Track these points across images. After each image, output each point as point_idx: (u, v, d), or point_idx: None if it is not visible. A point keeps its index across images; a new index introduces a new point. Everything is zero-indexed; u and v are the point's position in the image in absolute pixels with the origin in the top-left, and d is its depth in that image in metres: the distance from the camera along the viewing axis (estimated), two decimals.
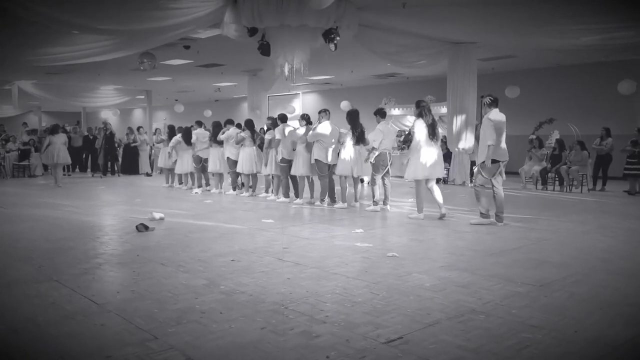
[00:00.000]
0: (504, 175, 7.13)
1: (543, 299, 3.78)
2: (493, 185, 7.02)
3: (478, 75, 12.67)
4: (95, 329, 3.17)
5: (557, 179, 12.02)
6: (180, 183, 12.83)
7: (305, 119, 9.35)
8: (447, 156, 13.56)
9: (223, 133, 10.89)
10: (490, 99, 7.09)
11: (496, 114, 7.00)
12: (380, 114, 8.61)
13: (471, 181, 13.10)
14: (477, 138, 6.91)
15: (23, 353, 2.81)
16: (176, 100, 23.95)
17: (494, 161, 6.91)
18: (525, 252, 5.40)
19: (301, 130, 9.21)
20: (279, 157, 9.54)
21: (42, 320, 3.32)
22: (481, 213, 7.13)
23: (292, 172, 9.43)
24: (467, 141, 12.59)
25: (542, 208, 9.08)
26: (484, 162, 6.94)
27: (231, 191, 11.21)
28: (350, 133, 8.59)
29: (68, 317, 3.37)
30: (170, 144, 12.41)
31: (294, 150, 9.32)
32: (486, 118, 6.99)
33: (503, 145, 6.95)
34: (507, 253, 5.36)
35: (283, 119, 9.68)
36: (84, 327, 3.20)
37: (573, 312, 3.50)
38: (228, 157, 10.89)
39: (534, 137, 13.01)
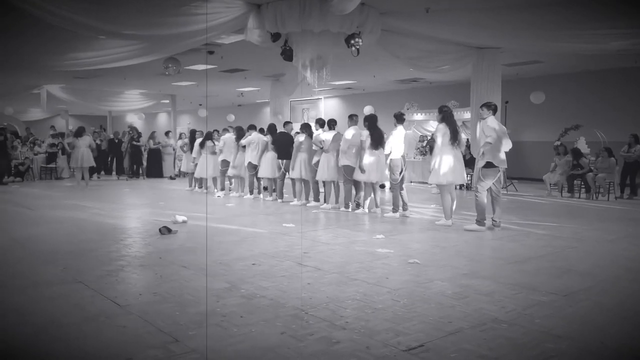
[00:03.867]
0: (502, 181, 7.14)
1: (568, 309, 3.70)
2: (477, 191, 7.11)
3: (502, 81, 12.51)
4: (117, 331, 3.20)
5: (583, 186, 11.80)
6: (200, 187, 12.93)
7: (329, 124, 9.37)
8: (471, 162, 13.43)
9: (245, 138, 10.96)
10: (487, 107, 7.17)
11: (493, 122, 7.04)
12: (398, 118, 8.59)
13: None
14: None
15: (47, 353, 2.86)
16: (200, 104, 24.17)
17: (492, 166, 6.91)
18: (550, 261, 5.30)
19: (325, 136, 9.22)
20: (313, 161, 9.54)
21: (65, 321, 3.36)
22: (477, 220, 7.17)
23: (318, 177, 9.44)
24: (505, 146, 12.41)
25: (568, 216, 8.91)
26: (484, 166, 6.98)
27: (249, 195, 11.26)
28: (369, 138, 8.56)
29: (91, 319, 3.41)
30: (195, 148, 12.59)
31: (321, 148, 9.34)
32: (484, 123, 7.04)
33: (501, 152, 6.98)
34: (531, 261, 5.28)
35: (322, 124, 9.70)
36: (106, 329, 3.24)
37: (598, 322, 3.42)
38: (249, 162, 10.93)
39: (558, 143, 12.80)
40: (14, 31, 9.47)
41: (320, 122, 9.61)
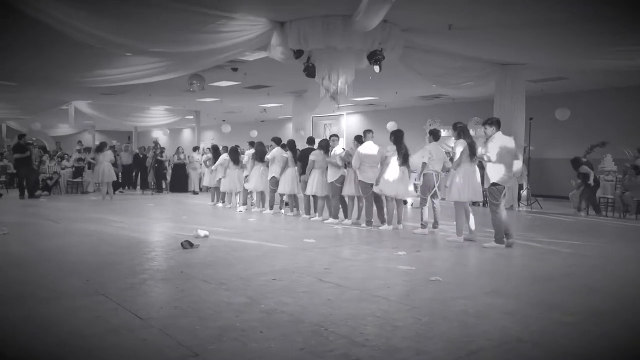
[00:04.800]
0: (506, 197, 7.11)
1: (593, 329, 3.61)
2: (493, 210, 6.97)
3: (527, 97, 12.41)
4: (138, 344, 3.22)
5: (610, 204, 11.57)
6: (223, 202, 13.02)
7: (357, 139, 9.36)
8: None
9: (269, 152, 11.09)
10: (490, 124, 7.06)
11: (500, 139, 6.92)
12: (434, 135, 8.53)
13: (519, 205, 12.79)
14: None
15: None
16: (224, 120, 24.46)
17: (496, 184, 6.85)
18: (575, 280, 5.19)
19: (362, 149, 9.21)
20: (334, 178, 9.50)
21: (87, 333, 3.40)
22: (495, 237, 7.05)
23: (344, 192, 9.41)
24: (516, 164, 12.27)
25: (594, 234, 8.73)
26: (492, 185, 6.89)
27: (268, 210, 11.30)
28: (396, 153, 8.54)
29: (112, 331, 3.44)
30: (217, 162, 12.70)
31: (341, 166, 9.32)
32: (490, 141, 6.92)
33: (507, 170, 6.87)
34: (556, 280, 5.17)
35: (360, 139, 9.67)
36: (127, 341, 3.27)
37: (624, 343, 3.33)
38: (273, 177, 10.97)
39: (584, 160, 12.59)
40: (43, 48, 9.76)
41: (358, 139, 9.52)
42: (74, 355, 3.03)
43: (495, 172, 6.84)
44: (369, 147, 8.85)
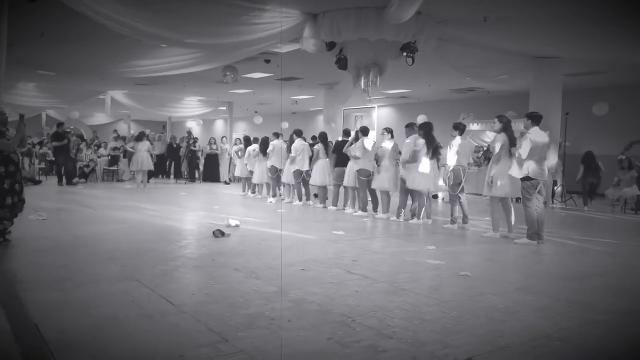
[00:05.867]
0: (543, 193, 7.03)
1: (625, 329, 3.56)
2: (526, 205, 6.90)
3: (563, 91, 12.13)
4: (170, 329, 3.32)
5: None
6: (254, 192, 13.16)
7: (389, 132, 9.32)
8: None
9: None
10: (528, 117, 6.99)
11: (537, 133, 6.79)
12: (459, 128, 8.40)
13: (552, 201, 12.55)
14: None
15: (105, 347, 2.99)
16: (256, 112, 24.65)
17: (530, 179, 6.73)
18: (609, 279, 5.10)
19: (388, 144, 9.18)
20: (356, 169, 9.52)
21: (122, 317, 3.52)
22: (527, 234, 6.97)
23: (375, 186, 9.40)
24: (550, 159, 12.05)
25: (631, 233, 8.53)
26: (524, 179, 6.80)
27: (297, 202, 11.38)
28: (425, 147, 8.46)
29: (146, 316, 3.55)
30: (246, 154, 12.89)
31: (377, 164, 9.26)
32: (525, 135, 6.84)
33: (541, 164, 6.76)
34: (588, 278, 5.09)
35: (365, 131, 9.65)
36: (160, 326, 3.37)
37: None
38: (296, 169, 11.06)
39: (623, 157, 12.26)
40: (81, 39, 10.01)
41: (390, 131, 9.47)
42: (109, 338, 3.14)
43: (529, 166, 6.74)
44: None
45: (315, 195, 11.40)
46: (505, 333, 3.38)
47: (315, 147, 10.81)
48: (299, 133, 11.28)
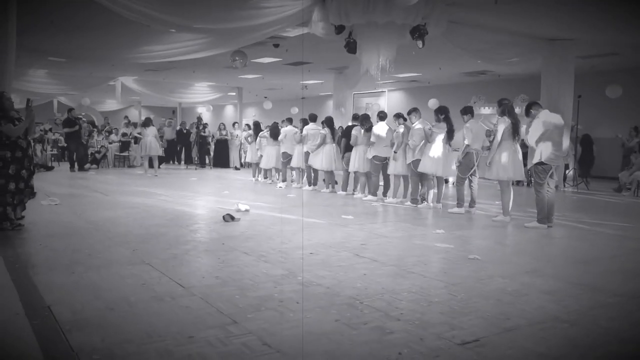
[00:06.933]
0: (555, 177, 7.00)
1: (636, 312, 3.54)
2: (537, 190, 6.87)
3: (576, 74, 11.97)
4: (180, 311, 3.36)
5: None
6: (265, 177, 13.21)
7: (402, 117, 9.25)
8: (526, 157, 12.95)
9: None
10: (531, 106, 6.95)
11: (547, 116, 6.70)
12: (470, 112, 8.32)
13: (564, 185, 12.46)
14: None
15: (117, 328, 3.04)
16: (265, 97, 24.63)
17: (543, 163, 6.66)
18: (621, 262, 5.07)
19: (401, 129, 9.11)
20: (371, 155, 9.49)
21: (134, 299, 3.57)
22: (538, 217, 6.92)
23: (391, 171, 9.36)
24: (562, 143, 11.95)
25: None
26: (537, 163, 6.73)
27: (306, 187, 11.40)
28: (441, 131, 8.38)
29: (157, 298, 3.60)
30: (258, 140, 12.95)
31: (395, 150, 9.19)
32: (536, 121, 6.74)
33: (555, 148, 6.67)
34: (599, 261, 5.07)
35: (383, 117, 9.60)
36: (170, 308, 3.41)
37: None
38: (284, 152, 11.54)
39: (637, 140, 12.12)
40: (91, 25, 10.02)
41: (402, 116, 9.40)
42: (121, 320, 3.19)
43: (542, 151, 6.67)
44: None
45: (324, 180, 11.41)
46: (513, 315, 3.39)
47: (322, 131, 10.79)
48: (313, 118, 11.25)
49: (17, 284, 3.88)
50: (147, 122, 14.66)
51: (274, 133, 12.27)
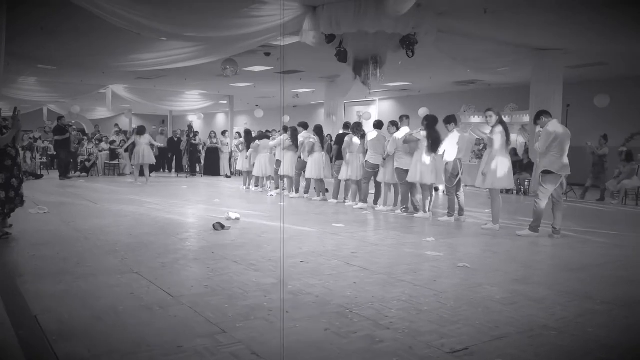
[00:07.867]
0: (564, 188, 6.99)
1: (623, 319, 3.57)
2: (538, 198, 6.86)
3: (565, 84, 12.11)
4: (169, 320, 3.34)
5: None
6: (256, 186, 13.18)
7: (395, 125, 9.28)
8: (529, 166, 13.05)
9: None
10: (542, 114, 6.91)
11: (554, 126, 6.74)
12: (453, 121, 8.37)
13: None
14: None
15: (104, 338, 3.02)
16: (257, 105, 24.65)
17: (551, 172, 6.66)
18: (608, 270, 5.10)
19: (399, 135, 9.14)
20: (363, 162, 9.54)
21: (122, 308, 3.54)
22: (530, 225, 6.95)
23: (380, 179, 9.39)
24: None
25: (632, 225, 8.52)
26: (546, 172, 6.73)
27: (294, 194, 11.41)
28: (425, 139, 8.45)
29: (145, 307, 3.57)
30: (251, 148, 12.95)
31: (383, 158, 9.23)
32: (545, 129, 6.74)
33: (564, 158, 6.68)
34: (587, 269, 5.10)
35: (378, 125, 9.66)
36: (159, 318, 3.39)
37: None
38: (278, 160, 11.47)
39: (624, 149, 12.24)
40: (81, 33, 10.00)
41: (396, 124, 9.43)
42: (109, 329, 3.16)
43: (552, 160, 6.65)
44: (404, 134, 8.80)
45: (315, 189, 11.41)
46: (501, 323, 3.40)
47: (311, 139, 10.81)
48: (304, 126, 11.28)
49: (4, 293, 3.83)
50: (141, 130, 14.59)
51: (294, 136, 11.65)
